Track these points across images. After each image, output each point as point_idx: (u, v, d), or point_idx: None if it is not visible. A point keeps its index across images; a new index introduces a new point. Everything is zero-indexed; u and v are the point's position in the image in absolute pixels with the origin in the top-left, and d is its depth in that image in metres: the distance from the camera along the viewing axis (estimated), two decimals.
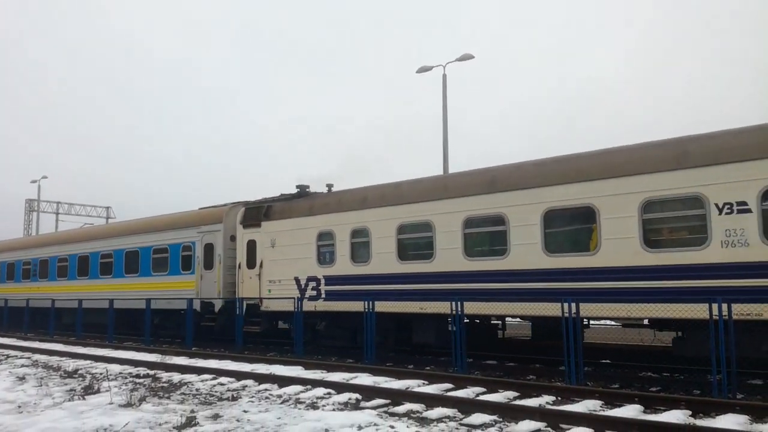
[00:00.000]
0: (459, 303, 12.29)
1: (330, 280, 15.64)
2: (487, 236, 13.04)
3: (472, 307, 12.61)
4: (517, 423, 7.72)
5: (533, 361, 13.50)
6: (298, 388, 10.43)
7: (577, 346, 10.73)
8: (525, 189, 12.31)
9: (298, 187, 18.26)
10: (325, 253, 15.97)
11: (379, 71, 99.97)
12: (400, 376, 11.39)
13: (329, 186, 18.07)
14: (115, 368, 13.82)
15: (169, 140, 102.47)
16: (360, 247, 15.17)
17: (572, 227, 11.91)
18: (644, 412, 8.27)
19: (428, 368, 13.14)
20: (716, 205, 10.09)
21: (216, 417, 8.50)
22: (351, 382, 10.67)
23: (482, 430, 7.58)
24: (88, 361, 15.27)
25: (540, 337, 14.11)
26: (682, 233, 10.65)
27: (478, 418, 8.00)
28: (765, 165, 9.70)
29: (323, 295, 15.75)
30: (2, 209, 69.98)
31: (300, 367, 12.83)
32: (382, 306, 13.93)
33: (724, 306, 9.35)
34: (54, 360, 15.94)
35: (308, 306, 15.78)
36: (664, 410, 8.19)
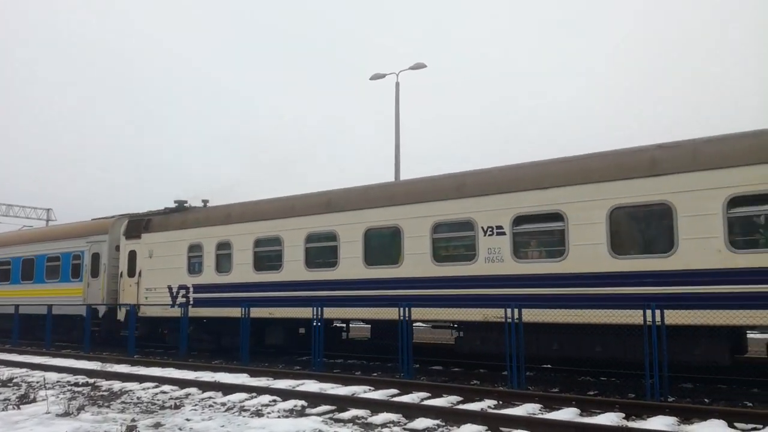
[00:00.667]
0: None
1: (198, 288, 17.27)
2: (324, 250, 14.91)
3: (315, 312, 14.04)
4: (459, 427, 7.90)
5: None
6: (243, 395, 10.35)
7: (519, 352, 11.05)
8: (352, 210, 14.43)
9: (176, 202, 19.75)
10: (194, 263, 17.54)
11: (330, 76, 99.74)
12: (346, 382, 11.43)
13: (205, 201, 19.66)
14: (53, 376, 13.37)
15: (120, 141, 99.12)
16: (223, 259, 16.81)
17: (386, 241, 13.96)
18: (581, 414, 8.58)
19: (375, 374, 13.28)
20: (482, 228, 12.19)
21: (158, 426, 8.37)
22: (297, 389, 10.67)
23: None
24: (24, 369, 14.72)
25: (378, 338, 15.57)
26: (459, 250, 12.83)
27: (421, 422, 8.14)
28: (515, 197, 11.91)
29: (191, 302, 17.17)
30: None
31: (246, 375, 12.72)
32: (238, 312, 15.38)
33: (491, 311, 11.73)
34: None
35: (178, 312, 17.15)
36: (600, 413, 8.51)
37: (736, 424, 7.84)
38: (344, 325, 16.98)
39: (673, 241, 10.28)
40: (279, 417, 8.84)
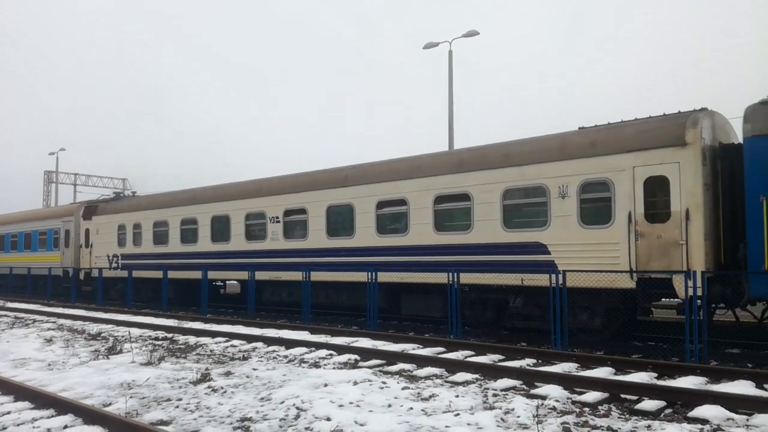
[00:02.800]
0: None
1: (124, 256, 24.42)
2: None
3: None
4: (495, 381, 8.59)
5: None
6: (303, 350, 11.38)
7: (563, 314, 11.58)
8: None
9: (114, 192, 31.15)
10: (121, 238, 24.55)
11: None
12: (397, 340, 12.31)
13: (133, 192, 29.87)
14: (136, 332, 14.89)
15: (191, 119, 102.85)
16: (137, 235, 23.71)
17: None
18: (615, 374, 9.10)
19: (427, 335, 14.06)
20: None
21: (228, 374, 9.45)
22: (352, 345, 11.59)
23: (464, 386, 8.45)
24: (110, 326, 16.36)
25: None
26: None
27: (462, 376, 8.88)
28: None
29: (119, 267, 24.40)
30: (22, 182, 71.54)
31: (307, 332, 13.80)
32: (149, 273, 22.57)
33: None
34: (78, 324, 17.06)
35: (111, 273, 24.72)
36: (633, 372, 9.01)
37: (765, 385, 8.18)
38: (223, 283, 22.74)
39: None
40: (334, 368, 9.78)
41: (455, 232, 14.01)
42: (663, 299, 11.46)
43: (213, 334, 13.76)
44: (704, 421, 6.57)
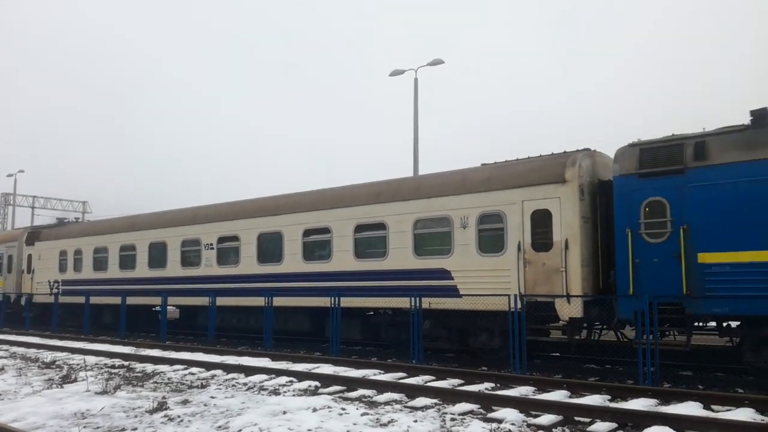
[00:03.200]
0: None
1: (65, 282, 24.70)
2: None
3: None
4: (454, 405, 8.69)
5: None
6: (263, 377, 11.30)
7: (521, 339, 11.82)
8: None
9: (57, 219, 31.10)
10: (63, 264, 24.85)
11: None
12: (359, 366, 12.32)
13: (77, 218, 31.85)
14: (92, 360, 14.54)
15: (150, 139, 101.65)
16: (78, 261, 24.20)
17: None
18: (570, 396, 9.30)
19: (390, 360, 14.11)
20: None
21: (185, 402, 9.32)
22: (313, 371, 11.56)
23: (423, 411, 8.53)
24: (65, 353, 15.94)
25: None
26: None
27: (421, 401, 8.96)
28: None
29: (60, 292, 24.49)
30: None
31: (267, 359, 13.69)
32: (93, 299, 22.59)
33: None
34: (31, 352, 16.58)
35: (51, 298, 24.52)
36: (588, 395, 9.22)
37: (712, 407, 8.46)
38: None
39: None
40: (294, 395, 9.75)
41: (373, 258, 15.05)
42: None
43: (171, 362, 13.55)
44: None
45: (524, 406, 8.32)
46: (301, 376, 11.07)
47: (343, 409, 8.59)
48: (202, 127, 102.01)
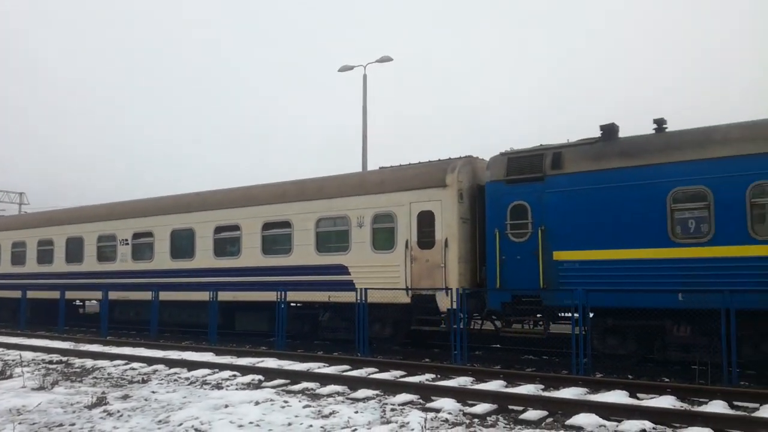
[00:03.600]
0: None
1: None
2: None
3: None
4: (395, 396, 8.92)
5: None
6: (206, 371, 11.29)
7: (463, 333, 12.19)
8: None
9: None
10: None
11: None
12: (304, 359, 12.43)
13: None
14: (28, 355, 14.16)
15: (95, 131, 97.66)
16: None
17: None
18: (506, 387, 9.66)
19: (335, 353, 14.26)
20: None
21: (126, 397, 9.25)
22: (257, 365, 11.61)
23: (364, 402, 8.73)
24: (0, 349, 15.45)
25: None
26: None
27: (363, 393, 9.16)
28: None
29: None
30: None
31: (211, 354, 13.63)
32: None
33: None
34: None
35: None
36: (522, 384, 9.60)
37: (638, 395, 8.95)
38: (82, 302, 24.05)
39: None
40: (237, 389, 9.79)
41: (279, 255, 15.84)
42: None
43: (112, 357, 13.33)
44: (579, 428, 7.16)
45: (461, 395, 8.61)
46: (245, 370, 11.11)
47: (286, 401, 8.69)
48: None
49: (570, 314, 11.79)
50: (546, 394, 8.92)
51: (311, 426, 7.41)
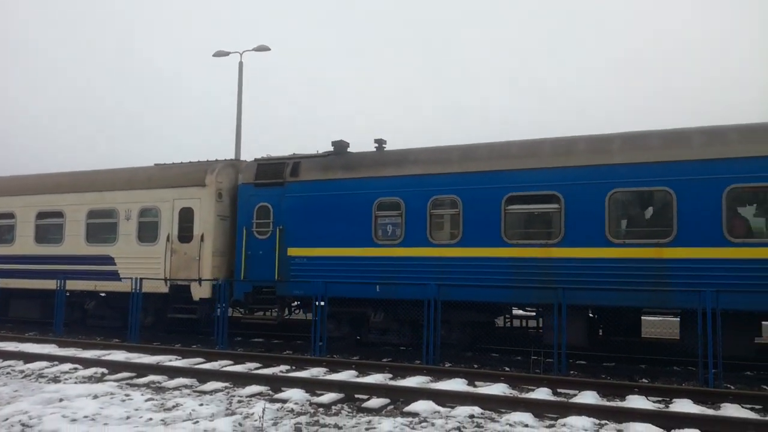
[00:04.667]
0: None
1: None
2: None
3: None
4: (244, 387, 8.92)
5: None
6: (45, 363, 10.62)
7: (322, 326, 12.39)
8: None
9: None
10: None
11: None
12: (154, 352, 12.05)
13: None
14: None
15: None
16: None
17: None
18: (357, 377, 9.97)
19: (194, 346, 13.96)
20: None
21: None
22: (102, 358, 11.10)
23: (211, 394, 8.65)
24: None
25: None
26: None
27: (211, 385, 9.07)
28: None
29: None
30: None
31: (54, 345, 12.86)
32: None
33: None
34: None
35: None
36: (372, 374, 9.94)
37: (476, 383, 9.56)
38: None
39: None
40: (76, 383, 9.33)
41: (52, 244, 16.38)
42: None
43: None
44: (415, 415, 7.57)
45: (310, 386, 8.79)
46: (88, 363, 10.58)
47: (127, 395, 8.41)
48: None
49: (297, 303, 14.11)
50: (391, 383, 9.32)
51: (150, 419, 7.24)
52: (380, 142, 13.92)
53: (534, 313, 13.00)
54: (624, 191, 11.05)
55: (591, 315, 11.82)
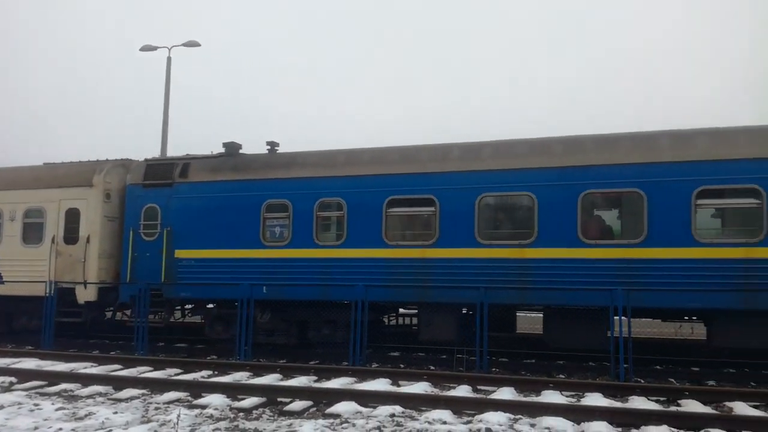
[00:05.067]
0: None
1: None
2: None
3: None
4: (162, 394, 8.68)
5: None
6: None
7: (248, 327, 12.22)
8: None
9: None
10: None
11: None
12: (69, 359, 11.56)
13: None
14: None
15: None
16: None
17: None
18: (281, 380, 9.89)
19: (113, 353, 13.54)
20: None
21: None
22: (11, 366, 10.53)
23: (127, 402, 8.37)
24: None
25: None
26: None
27: (127, 392, 8.77)
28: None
29: None
30: None
31: None
32: None
33: None
34: None
35: None
36: (296, 377, 9.89)
37: (399, 382, 9.69)
38: None
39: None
40: None
41: None
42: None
43: None
44: (337, 416, 7.58)
45: (232, 391, 8.64)
46: None
47: (37, 404, 8.03)
48: None
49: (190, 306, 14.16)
50: (315, 385, 9.30)
51: (61, 429, 6.94)
52: (272, 145, 13.90)
53: (416, 311, 13.38)
54: (492, 195, 11.70)
55: (465, 312, 12.29)
